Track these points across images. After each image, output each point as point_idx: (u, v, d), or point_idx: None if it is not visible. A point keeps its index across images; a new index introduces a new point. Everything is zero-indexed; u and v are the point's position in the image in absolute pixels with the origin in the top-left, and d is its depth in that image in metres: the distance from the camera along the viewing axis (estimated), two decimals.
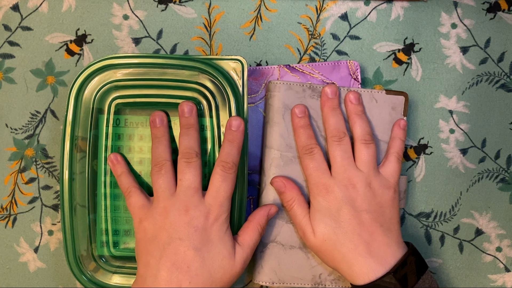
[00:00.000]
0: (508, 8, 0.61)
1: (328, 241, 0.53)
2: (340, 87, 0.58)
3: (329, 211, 0.53)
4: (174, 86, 0.56)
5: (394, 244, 0.54)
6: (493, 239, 0.62)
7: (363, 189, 0.54)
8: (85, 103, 0.55)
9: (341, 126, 0.55)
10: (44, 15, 0.59)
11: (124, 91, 0.56)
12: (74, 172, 0.56)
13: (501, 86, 0.61)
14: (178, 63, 0.55)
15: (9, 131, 0.60)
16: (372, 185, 0.54)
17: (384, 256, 0.53)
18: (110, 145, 0.57)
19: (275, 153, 0.57)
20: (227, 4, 0.60)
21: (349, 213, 0.53)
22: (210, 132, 0.56)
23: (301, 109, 0.56)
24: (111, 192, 0.57)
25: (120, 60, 0.55)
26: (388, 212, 0.54)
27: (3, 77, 0.60)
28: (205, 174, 0.56)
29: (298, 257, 0.57)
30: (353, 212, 0.53)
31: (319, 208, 0.54)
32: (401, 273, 0.52)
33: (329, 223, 0.53)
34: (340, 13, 0.60)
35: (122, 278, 0.57)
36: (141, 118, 0.57)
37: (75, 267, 0.56)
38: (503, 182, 0.62)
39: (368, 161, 0.55)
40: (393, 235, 0.54)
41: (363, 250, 0.53)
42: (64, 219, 0.56)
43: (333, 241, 0.53)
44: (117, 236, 0.58)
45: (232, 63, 0.55)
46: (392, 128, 0.58)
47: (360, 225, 0.53)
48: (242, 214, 0.56)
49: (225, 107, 0.56)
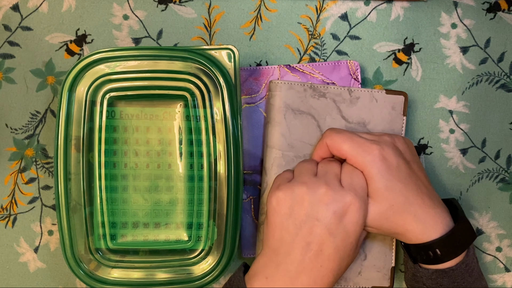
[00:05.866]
0: (508, 8, 0.61)
1: (396, 204, 0.52)
2: (340, 87, 0.58)
3: (390, 171, 0.52)
4: (167, 77, 0.56)
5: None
6: (493, 239, 0.62)
7: (397, 142, 0.54)
8: (79, 97, 0.55)
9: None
10: (44, 15, 0.59)
11: (117, 83, 0.56)
12: (69, 165, 0.55)
13: (501, 86, 0.61)
14: (170, 54, 0.55)
15: (9, 131, 0.60)
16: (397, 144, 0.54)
17: (443, 205, 0.53)
18: (105, 137, 0.57)
19: (277, 153, 0.57)
20: (227, 4, 0.60)
21: (405, 167, 0.52)
22: (204, 123, 0.56)
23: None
24: (107, 185, 0.57)
25: (112, 53, 0.55)
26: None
27: (3, 77, 0.60)
28: (201, 165, 0.56)
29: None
30: (407, 164, 0.53)
31: (380, 173, 0.52)
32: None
33: (392, 185, 0.52)
34: (340, 13, 0.60)
35: (122, 273, 0.57)
36: (136, 110, 0.57)
37: (73, 263, 0.56)
38: (503, 182, 0.62)
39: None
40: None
41: (429, 202, 0.52)
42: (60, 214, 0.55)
43: (401, 203, 0.52)
44: (114, 228, 0.58)
45: (224, 52, 0.55)
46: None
47: (416, 177, 0.53)
48: (238, 215, 0.56)
49: (218, 97, 0.56)
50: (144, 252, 0.58)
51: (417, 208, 0.51)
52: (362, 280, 0.59)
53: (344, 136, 0.53)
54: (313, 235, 0.50)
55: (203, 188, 0.57)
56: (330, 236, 0.50)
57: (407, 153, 0.54)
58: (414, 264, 0.54)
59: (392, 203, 0.51)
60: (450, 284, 0.52)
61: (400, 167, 0.52)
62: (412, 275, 0.54)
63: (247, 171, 0.59)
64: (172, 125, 0.58)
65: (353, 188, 0.51)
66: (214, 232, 0.57)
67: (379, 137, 0.54)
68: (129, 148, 0.58)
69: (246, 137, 0.59)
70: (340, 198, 0.50)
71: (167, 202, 0.58)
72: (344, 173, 0.52)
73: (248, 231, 0.60)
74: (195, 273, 0.57)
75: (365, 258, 0.59)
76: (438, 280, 0.52)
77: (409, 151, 0.55)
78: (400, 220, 0.52)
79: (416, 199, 0.52)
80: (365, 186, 0.52)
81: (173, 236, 0.58)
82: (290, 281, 0.50)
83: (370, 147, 0.52)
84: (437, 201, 0.53)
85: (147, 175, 0.58)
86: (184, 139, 0.58)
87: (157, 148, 0.58)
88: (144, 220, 0.58)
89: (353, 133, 0.54)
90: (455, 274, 0.52)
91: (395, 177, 0.51)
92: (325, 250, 0.50)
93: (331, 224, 0.50)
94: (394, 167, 0.51)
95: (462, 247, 0.52)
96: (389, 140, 0.53)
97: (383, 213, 0.51)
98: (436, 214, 0.52)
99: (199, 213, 0.58)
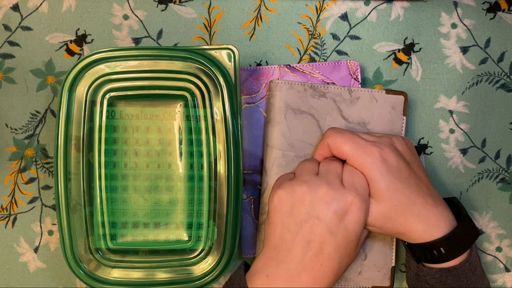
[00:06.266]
0: (508, 8, 0.61)
1: (398, 205, 0.52)
2: (341, 87, 0.58)
3: (390, 171, 0.52)
4: (167, 77, 0.56)
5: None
6: (493, 239, 0.62)
7: (396, 143, 0.54)
8: (79, 97, 0.55)
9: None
10: (44, 15, 0.59)
11: (117, 83, 0.56)
12: (69, 165, 0.55)
13: (501, 86, 0.61)
14: (170, 54, 0.55)
15: (9, 131, 0.60)
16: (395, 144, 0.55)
17: (444, 204, 0.53)
18: (105, 137, 0.57)
19: (277, 153, 0.57)
20: (227, 4, 0.60)
21: (406, 168, 0.52)
22: (204, 123, 0.56)
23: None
24: (107, 185, 0.57)
25: (112, 53, 0.55)
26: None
27: (3, 77, 0.60)
28: (201, 165, 0.56)
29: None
30: (407, 165, 0.53)
31: (381, 175, 0.52)
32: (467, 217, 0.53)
33: (393, 186, 0.52)
34: (340, 13, 0.60)
35: (122, 273, 0.57)
36: (136, 110, 0.57)
37: (73, 263, 0.56)
38: (503, 182, 0.62)
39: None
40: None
41: (431, 201, 0.52)
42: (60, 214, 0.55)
43: (403, 203, 0.52)
44: (114, 228, 0.58)
45: (224, 52, 0.55)
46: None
47: (417, 177, 0.53)
48: (238, 215, 0.56)
49: (218, 97, 0.56)
50: (144, 252, 0.58)
51: (420, 208, 0.51)
52: (362, 280, 0.59)
53: (345, 136, 0.53)
54: (314, 234, 0.50)
55: (203, 188, 0.57)
56: (330, 235, 0.50)
57: (407, 153, 0.54)
58: (417, 264, 0.54)
59: (395, 204, 0.51)
60: (454, 283, 0.52)
61: (400, 168, 0.52)
62: (415, 274, 0.54)
63: (247, 171, 0.59)
64: (172, 125, 0.58)
65: (355, 188, 0.51)
66: (214, 232, 0.57)
67: (379, 138, 0.54)
68: (129, 148, 0.58)
69: (246, 137, 0.59)
70: (341, 197, 0.50)
71: (167, 202, 0.58)
72: (345, 173, 0.52)
73: (248, 231, 0.60)
74: (195, 273, 0.57)
75: (366, 258, 0.59)
76: (442, 279, 0.52)
77: (409, 151, 0.55)
78: (403, 220, 0.52)
79: (418, 199, 0.52)
80: (367, 185, 0.52)
81: (173, 236, 0.58)
82: (291, 279, 0.50)
83: (370, 149, 0.52)
84: (439, 200, 0.53)
85: (147, 175, 0.58)
86: (184, 139, 0.58)
87: (157, 148, 0.58)
88: (144, 220, 0.58)
89: (354, 134, 0.54)
90: (459, 273, 0.52)
91: (396, 178, 0.51)
92: (325, 249, 0.50)
93: (332, 223, 0.50)
94: (394, 168, 0.51)
95: (466, 245, 0.52)
96: (388, 141, 0.53)
97: (386, 214, 0.51)
98: (439, 213, 0.52)
99: (199, 213, 0.58)
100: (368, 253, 0.59)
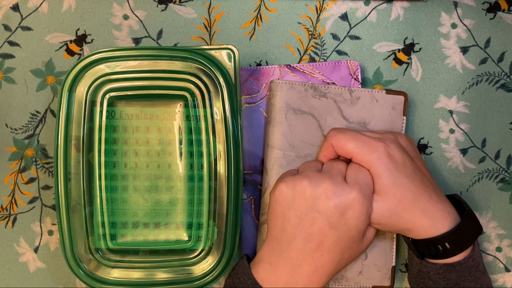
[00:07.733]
0: (508, 8, 0.61)
1: (404, 200, 0.52)
2: (341, 87, 0.58)
3: (396, 167, 0.52)
4: (167, 77, 0.56)
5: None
6: (493, 239, 0.62)
7: (400, 139, 0.55)
8: (79, 97, 0.55)
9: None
10: (44, 15, 0.59)
11: (117, 83, 0.56)
12: (69, 165, 0.55)
13: (501, 86, 0.61)
14: (170, 54, 0.55)
15: (9, 131, 0.60)
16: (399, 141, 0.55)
17: (447, 200, 0.54)
18: (105, 137, 0.57)
19: (278, 153, 0.57)
20: (227, 4, 0.60)
21: (411, 163, 0.53)
22: (204, 123, 0.56)
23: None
24: (107, 185, 0.57)
25: (112, 53, 0.55)
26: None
27: (3, 77, 0.60)
28: (201, 165, 0.56)
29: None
30: (412, 160, 0.53)
31: (388, 170, 0.52)
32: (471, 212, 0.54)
33: (399, 181, 0.52)
34: (340, 13, 0.60)
35: (122, 273, 0.57)
36: (136, 110, 0.57)
37: (73, 263, 0.56)
38: (503, 182, 0.62)
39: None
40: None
41: (435, 196, 0.53)
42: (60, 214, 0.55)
43: (409, 198, 0.52)
44: (114, 228, 0.58)
45: (224, 52, 0.55)
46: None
47: (421, 172, 0.53)
48: (238, 215, 0.56)
49: (218, 97, 0.56)
50: (144, 252, 0.58)
51: (425, 203, 0.52)
52: (362, 280, 0.59)
53: (349, 135, 0.53)
54: (314, 227, 0.51)
55: (203, 188, 0.57)
56: (331, 229, 0.50)
57: (410, 150, 0.54)
58: (420, 260, 0.54)
59: (401, 199, 0.51)
60: (457, 279, 0.52)
61: (405, 163, 0.52)
62: (417, 271, 0.55)
63: (247, 171, 0.59)
64: (172, 125, 0.58)
65: (358, 184, 0.51)
66: (214, 232, 0.57)
67: (382, 135, 0.54)
68: (129, 148, 0.58)
69: (246, 137, 0.59)
70: (342, 192, 0.51)
71: (167, 202, 0.58)
72: (349, 170, 0.53)
73: (248, 231, 0.60)
74: (195, 273, 0.57)
75: (366, 258, 0.59)
76: (446, 274, 0.52)
77: (412, 148, 0.55)
78: (409, 215, 0.52)
79: (423, 194, 0.52)
80: (371, 183, 0.52)
81: (173, 236, 0.58)
82: (293, 268, 0.51)
83: (376, 144, 0.52)
84: (442, 196, 0.54)
85: (147, 175, 0.58)
86: (184, 139, 0.58)
87: (157, 148, 0.58)
88: (144, 220, 0.58)
89: (357, 132, 0.54)
90: (463, 268, 0.52)
91: (402, 173, 0.52)
92: (326, 241, 0.51)
93: (332, 217, 0.50)
94: (400, 164, 0.52)
95: (471, 239, 0.52)
96: (393, 137, 0.54)
97: (393, 209, 0.52)
98: (444, 208, 0.52)
99: (199, 213, 0.58)
100: (368, 252, 0.59)
